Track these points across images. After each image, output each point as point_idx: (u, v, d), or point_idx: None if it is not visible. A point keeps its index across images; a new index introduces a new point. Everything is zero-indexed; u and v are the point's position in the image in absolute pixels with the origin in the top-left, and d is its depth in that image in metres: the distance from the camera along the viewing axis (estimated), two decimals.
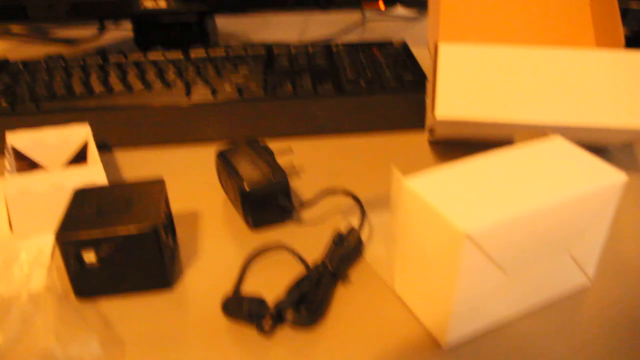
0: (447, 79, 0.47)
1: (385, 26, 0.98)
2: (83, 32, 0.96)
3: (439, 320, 0.35)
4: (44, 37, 0.96)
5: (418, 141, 0.58)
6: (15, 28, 1.00)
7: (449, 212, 0.32)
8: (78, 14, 0.80)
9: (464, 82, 0.47)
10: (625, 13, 0.66)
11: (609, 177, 0.35)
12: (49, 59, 0.74)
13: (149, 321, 0.38)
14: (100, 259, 0.38)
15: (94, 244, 0.37)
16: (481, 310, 0.35)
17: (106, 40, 0.95)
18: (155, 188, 0.42)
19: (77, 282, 0.39)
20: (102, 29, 0.94)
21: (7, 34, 0.99)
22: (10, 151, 0.53)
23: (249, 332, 0.37)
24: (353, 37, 0.93)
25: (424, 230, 0.34)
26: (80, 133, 0.56)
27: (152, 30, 0.84)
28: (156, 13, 0.78)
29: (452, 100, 0.47)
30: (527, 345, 0.36)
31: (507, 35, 0.61)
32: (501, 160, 0.36)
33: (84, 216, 0.39)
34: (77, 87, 0.66)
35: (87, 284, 0.40)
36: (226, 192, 0.49)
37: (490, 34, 0.61)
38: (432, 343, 0.36)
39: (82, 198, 0.41)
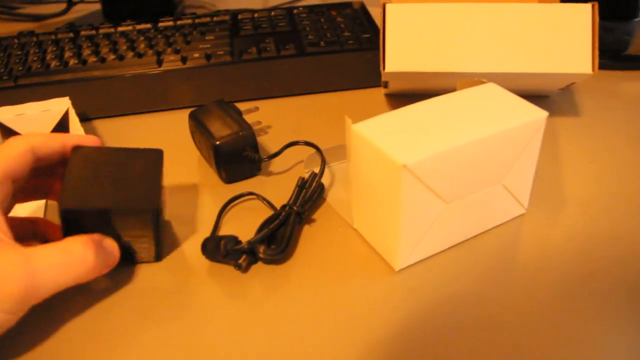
0: (394, 35, 0.51)
1: None
2: (50, 7, 0.98)
3: (390, 247, 0.41)
4: (12, 15, 0.98)
5: (375, 95, 0.63)
6: None
7: (388, 148, 0.37)
8: None
9: (410, 37, 0.51)
10: None
11: (533, 114, 0.40)
12: (21, 35, 0.77)
13: (135, 268, 0.43)
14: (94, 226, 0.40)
15: (96, 214, 0.39)
16: (426, 237, 0.40)
17: (75, 14, 0.97)
18: (153, 157, 0.43)
19: None
20: (70, 4, 0.96)
21: None
22: None
23: (227, 269, 0.42)
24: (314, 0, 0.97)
25: (371, 168, 0.39)
26: (60, 105, 0.59)
27: (119, 5, 0.87)
28: None
29: (400, 54, 0.51)
30: (469, 266, 0.41)
31: None
32: (439, 104, 0.41)
33: (84, 181, 0.40)
34: (52, 62, 0.69)
35: None
36: (199, 150, 0.54)
37: None
38: (386, 267, 0.41)
39: (83, 157, 0.42)
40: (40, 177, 0.43)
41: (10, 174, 0.38)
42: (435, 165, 0.37)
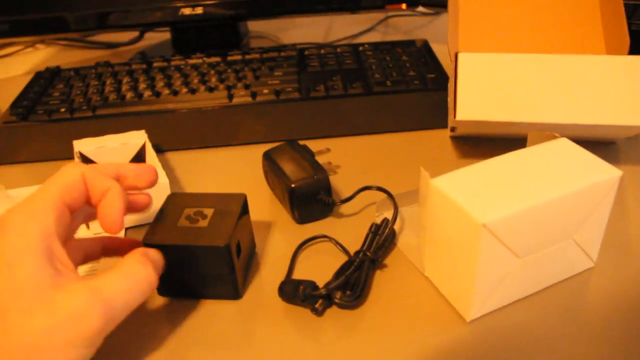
0: (466, 84, 0.52)
1: (405, 22, 1.03)
2: (121, 35, 1.02)
3: (462, 298, 0.42)
4: (85, 42, 1.03)
5: (440, 137, 0.64)
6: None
7: (468, 205, 0.38)
8: (119, 24, 0.86)
9: (481, 86, 0.52)
10: (635, 8, 0.71)
11: (607, 172, 0.41)
12: (98, 65, 0.81)
13: (212, 304, 0.45)
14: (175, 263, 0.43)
15: (173, 250, 0.42)
16: (499, 290, 0.41)
17: (145, 42, 1.01)
18: (236, 200, 0.46)
19: (160, 282, 0.43)
20: (142, 35, 1.00)
21: (49, 41, 1.05)
22: (79, 156, 0.60)
23: (302, 312, 0.44)
24: (376, 34, 0.99)
25: (448, 222, 0.40)
26: (137, 139, 0.62)
27: (189, 35, 0.91)
28: (193, 19, 0.84)
29: (471, 103, 0.52)
30: (538, 318, 0.42)
31: (522, 40, 0.66)
32: (514, 160, 0.42)
33: (170, 221, 0.44)
34: (127, 93, 0.73)
35: (168, 285, 0.45)
36: (272, 189, 0.56)
37: (505, 39, 0.66)
38: (457, 317, 0.43)
39: (173, 201, 0.46)
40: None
41: (65, 202, 0.38)
42: (513, 224, 0.38)
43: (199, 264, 0.43)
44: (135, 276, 0.38)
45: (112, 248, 0.46)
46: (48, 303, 0.34)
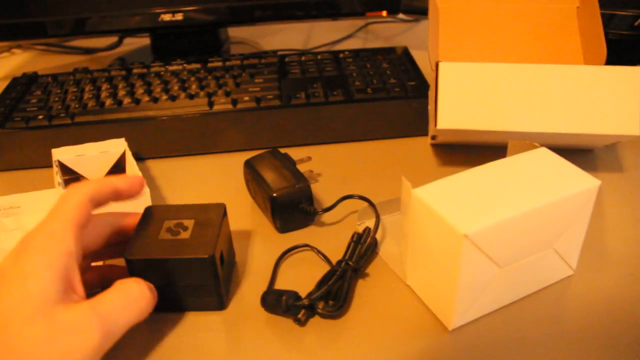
0: (447, 94, 0.53)
1: (385, 29, 1.04)
2: (100, 41, 1.01)
3: (444, 307, 0.42)
4: (63, 47, 1.02)
5: (421, 144, 0.65)
6: None
7: (450, 216, 0.38)
8: (98, 30, 0.85)
9: (461, 95, 0.53)
10: (611, 18, 0.72)
11: (586, 182, 0.41)
12: (76, 71, 0.80)
13: (195, 316, 0.45)
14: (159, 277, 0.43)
15: (156, 264, 0.42)
16: (480, 298, 0.42)
17: (124, 48, 1.01)
18: (215, 210, 0.46)
19: None
20: (120, 40, 0.99)
21: (26, 46, 1.04)
22: (58, 165, 0.60)
23: (285, 322, 0.44)
24: (356, 41, 0.99)
25: (430, 232, 0.41)
26: (117, 147, 0.62)
27: (169, 40, 0.90)
28: (173, 25, 0.84)
29: (452, 112, 0.53)
30: (519, 325, 0.43)
31: (501, 49, 0.67)
32: (495, 170, 0.43)
33: (149, 235, 0.44)
34: (106, 100, 0.72)
35: None
36: (254, 198, 0.56)
37: (485, 48, 0.67)
38: (439, 325, 0.43)
39: (150, 214, 0.46)
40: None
41: (79, 223, 0.40)
42: (494, 234, 0.38)
43: (183, 276, 0.43)
44: (132, 293, 0.40)
45: (108, 276, 0.46)
46: (49, 314, 0.35)
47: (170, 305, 0.44)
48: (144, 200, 0.53)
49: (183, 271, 0.42)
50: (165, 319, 0.45)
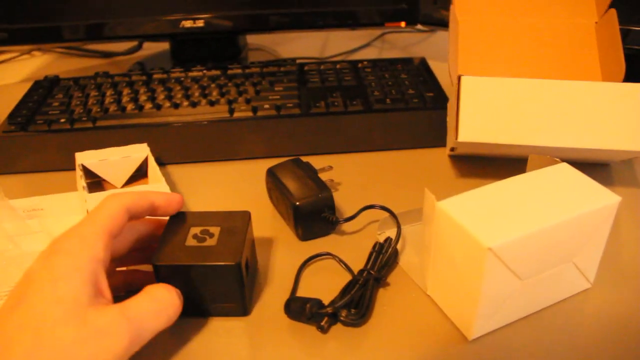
0: (468, 107, 0.54)
1: (402, 38, 1.05)
2: (118, 44, 1.03)
3: (465, 317, 0.43)
4: (82, 51, 1.03)
5: (439, 156, 0.65)
6: None
7: (474, 229, 0.39)
8: (119, 35, 0.86)
9: (482, 109, 0.53)
10: (627, 33, 0.73)
11: (606, 199, 0.42)
12: (97, 75, 0.82)
13: (219, 321, 0.46)
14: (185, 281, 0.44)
15: (183, 270, 0.43)
16: (500, 310, 0.42)
17: (144, 52, 1.02)
18: (240, 218, 0.47)
19: None
20: (140, 45, 1.01)
21: (46, 48, 1.05)
22: (81, 169, 0.61)
23: (307, 329, 0.44)
24: (372, 50, 1.00)
25: (453, 244, 0.41)
26: (140, 152, 0.63)
27: (188, 46, 0.91)
28: (194, 32, 0.85)
29: (473, 125, 0.54)
30: (537, 337, 0.43)
31: (519, 63, 0.68)
32: (517, 185, 0.44)
33: (177, 240, 0.45)
34: (128, 104, 0.73)
35: None
36: (275, 206, 0.57)
37: (503, 62, 0.68)
38: (459, 335, 0.44)
39: (177, 221, 0.47)
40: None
41: (111, 232, 0.41)
42: (517, 248, 0.39)
43: (209, 282, 0.44)
44: (161, 300, 0.41)
45: (130, 281, 0.48)
46: (81, 317, 0.36)
47: (195, 310, 0.45)
48: None
49: (209, 277, 0.43)
50: (189, 324, 0.45)
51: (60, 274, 0.37)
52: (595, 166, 0.62)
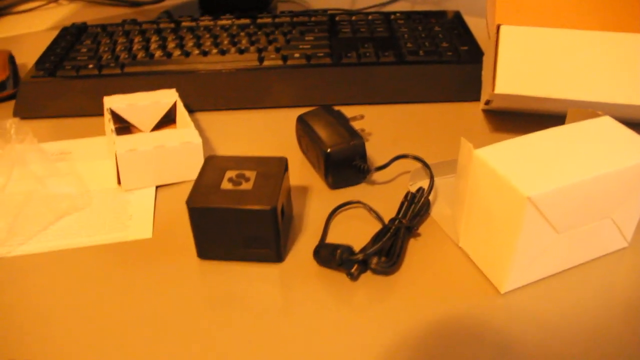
0: (507, 57, 0.52)
1: None
2: None
3: (498, 270, 0.42)
4: (110, 0, 1.02)
5: (472, 110, 0.64)
6: None
7: (513, 178, 0.38)
8: None
9: (521, 60, 0.52)
10: None
11: None
12: (125, 22, 0.81)
13: (252, 267, 0.46)
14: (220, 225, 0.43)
15: (218, 213, 0.43)
16: (535, 264, 0.42)
17: (169, 3, 1.00)
18: (277, 164, 0.46)
19: (200, 245, 0.45)
20: None
21: None
22: (109, 113, 0.60)
23: (336, 276, 0.44)
24: (404, 4, 0.98)
25: (490, 193, 0.40)
26: (168, 97, 0.62)
27: None
28: None
29: (511, 76, 0.52)
30: (571, 293, 0.42)
31: (559, 15, 0.65)
32: (557, 136, 0.42)
33: (212, 183, 0.44)
34: (156, 52, 0.72)
35: (208, 247, 0.45)
36: (304, 153, 0.56)
37: (543, 14, 0.65)
38: (491, 288, 0.43)
39: (213, 164, 0.46)
40: None
41: None
42: (556, 199, 0.38)
43: (244, 227, 0.43)
44: None
45: None
46: None
47: (229, 254, 0.45)
48: (197, 152, 0.54)
49: (244, 222, 0.43)
50: (223, 268, 0.45)
51: None
52: (636, 125, 0.60)
